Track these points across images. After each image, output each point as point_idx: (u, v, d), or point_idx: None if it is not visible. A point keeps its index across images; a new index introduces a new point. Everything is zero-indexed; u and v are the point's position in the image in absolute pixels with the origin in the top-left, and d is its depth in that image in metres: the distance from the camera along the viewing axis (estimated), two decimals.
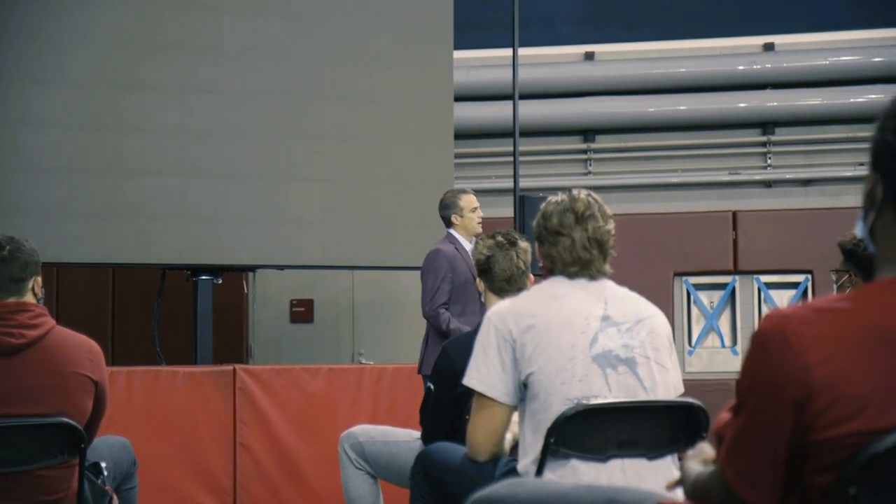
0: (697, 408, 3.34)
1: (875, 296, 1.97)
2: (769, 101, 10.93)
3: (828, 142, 10.97)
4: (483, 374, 3.37)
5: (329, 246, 8.63)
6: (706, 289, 10.60)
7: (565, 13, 11.46)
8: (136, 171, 8.12)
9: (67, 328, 4.05)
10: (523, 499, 2.33)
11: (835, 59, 10.89)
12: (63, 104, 7.96)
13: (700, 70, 10.97)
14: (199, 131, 8.27)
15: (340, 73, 8.60)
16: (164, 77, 8.18)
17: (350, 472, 4.85)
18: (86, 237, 8.01)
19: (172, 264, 8.36)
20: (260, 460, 7.38)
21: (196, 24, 8.28)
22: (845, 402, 1.90)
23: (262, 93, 8.41)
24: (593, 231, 3.44)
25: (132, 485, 4.45)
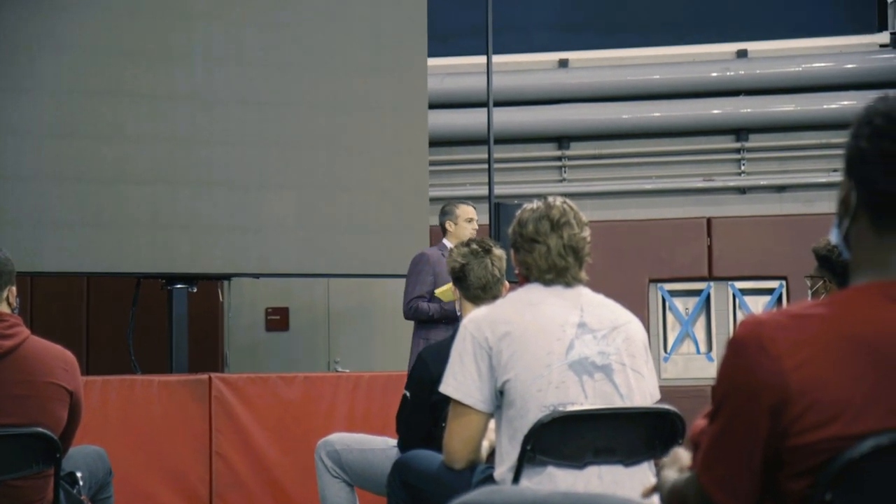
0: (674, 414, 3.34)
1: (850, 302, 1.98)
2: (743, 108, 10.97)
3: (801, 148, 11.02)
4: (460, 381, 3.37)
5: (304, 254, 8.61)
6: (681, 295, 10.63)
7: (539, 20, 11.48)
8: (110, 179, 8.09)
9: (42, 338, 4.04)
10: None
11: (808, 66, 10.94)
12: (37, 112, 7.93)
13: (674, 77, 11.01)
14: (175, 139, 8.25)
15: (315, 81, 8.60)
16: (139, 85, 8.15)
17: (327, 480, 4.85)
18: (60, 246, 7.98)
19: (147, 273, 8.33)
20: (236, 469, 7.36)
21: (171, 33, 8.26)
22: (821, 408, 1.90)
23: (236, 101, 8.40)
24: (569, 238, 3.45)
25: (108, 494, 4.44)
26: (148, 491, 7.12)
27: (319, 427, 6.89)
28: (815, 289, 5.27)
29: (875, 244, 1.99)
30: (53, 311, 9.92)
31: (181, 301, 8.40)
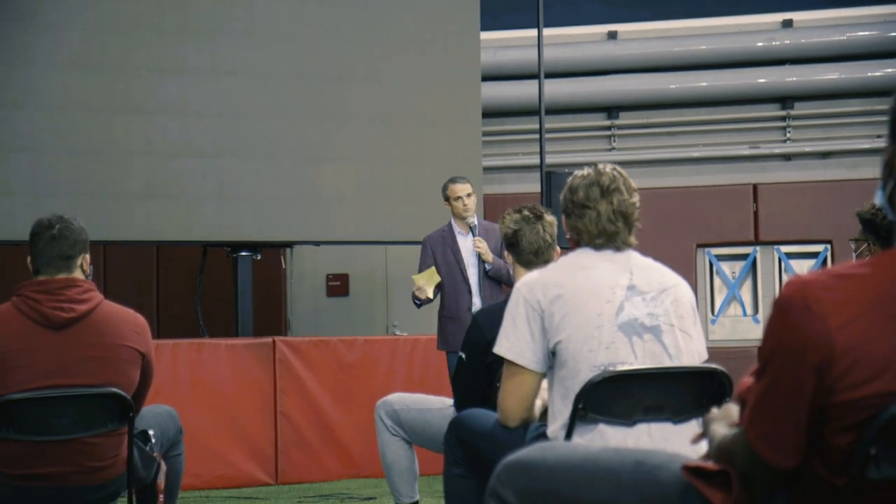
0: (721, 373, 3.32)
1: (893, 262, 1.96)
2: (788, 77, 10.87)
3: (845, 115, 10.90)
4: (513, 342, 3.36)
5: (363, 222, 8.64)
6: (728, 259, 10.57)
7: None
8: (177, 153, 8.15)
9: (115, 303, 4.08)
10: (553, 461, 2.33)
11: (851, 35, 10.81)
12: (107, 90, 7.99)
13: (720, 47, 10.92)
14: (238, 114, 8.29)
15: (371, 56, 8.60)
16: (201, 61, 8.20)
17: (386, 438, 4.86)
18: (131, 216, 8.06)
19: (213, 241, 8.40)
20: (300, 428, 7.43)
21: (232, 9, 8.30)
22: (865, 365, 1.89)
23: (296, 76, 8.42)
24: (618, 204, 3.42)
25: (178, 451, 4.48)
26: (217, 449, 7.20)
27: (378, 388, 6.92)
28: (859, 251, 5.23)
29: None
30: (125, 278, 10.03)
31: (246, 268, 8.46)
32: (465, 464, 3.85)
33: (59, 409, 3.82)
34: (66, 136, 7.92)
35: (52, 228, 3.98)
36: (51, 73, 7.88)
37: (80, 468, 3.90)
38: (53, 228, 3.98)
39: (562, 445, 2.55)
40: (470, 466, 3.84)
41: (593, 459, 2.31)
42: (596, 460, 2.30)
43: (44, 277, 3.96)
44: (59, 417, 3.81)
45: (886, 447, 1.90)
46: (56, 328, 3.88)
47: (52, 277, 3.95)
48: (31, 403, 3.78)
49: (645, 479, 2.23)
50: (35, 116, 7.85)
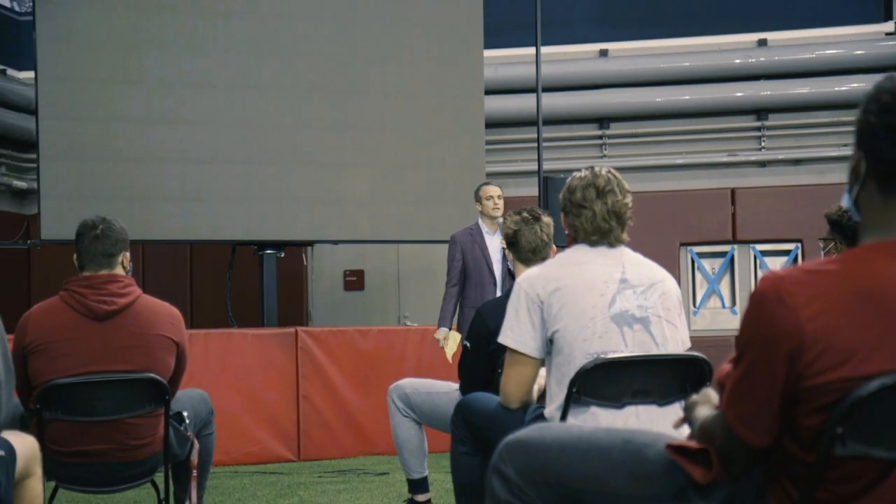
0: (702, 360, 3.32)
1: (859, 259, 1.95)
2: (763, 91, 10.84)
3: (815, 126, 10.87)
4: (516, 332, 3.36)
5: (377, 223, 8.64)
6: (708, 257, 10.55)
7: (582, 15, 11.39)
8: (209, 160, 8.16)
9: (153, 297, 4.09)
10: (550, 441, 2.33)
11: (820, 53, 10.78)
12: (144, 102, 8.01)
13: (701, 64, 10.89)
14: (263, 124, 8.30)
15: (385, 72, 8.60)
16: (231, 77, 8.21)
17: (398, 419, 4.86)
18: (167, 218, 8.07)
19: (241, 240, 8.40)
20: (320, 410, 7.43)
21: (260, 29, 8.30)
22: (833, 353, 1.89)
23: (316, 90, 8.42)
24: (612, 204, 3.42)
25: (210, 431, 4.48)
26: (244, 429, 7.21)
27: (391, 373, 6.93)
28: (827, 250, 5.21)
29: (882, 207, 1.97)
30: (161, 274, 10.04)
31: (271, 265, 8.46)
32: (470, 442, 3.85)
33: (102, 392, 3.83)
34: (108, 145, 7.93)
35: (95, 229, 3.99)
36: (95, 87, 7.89)
37: (121, 446, 3.91)
38: (97, 228, 3.99)
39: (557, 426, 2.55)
40: (474, 444, 3.84)
41: (586, 439, 2.31)
42: (589, 439, 2.30)
43: (88, 273, 3.97)
44: (101, 400, 3.83)
45: (851, 427, 1.89)
46: (99, 319, 3.89)
47: (96, 273, 3.96)
48: (76, 388, 3.80)
49: (633, 456, 2.22)
50: (81, 127, 7.87)
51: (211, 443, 4.47)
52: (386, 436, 5.58)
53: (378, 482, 6.35)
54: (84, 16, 7.87)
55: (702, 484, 2.11)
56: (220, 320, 8.60)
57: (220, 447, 6.32)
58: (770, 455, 2.03)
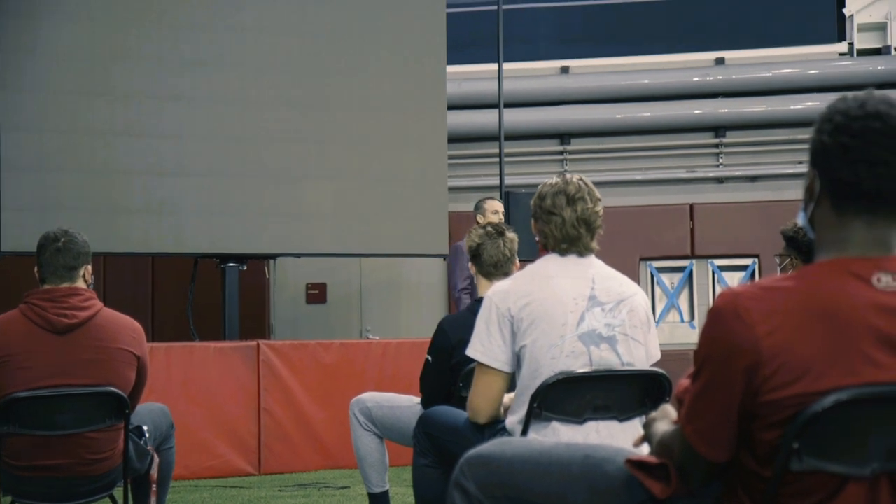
0: (662, 376, 3.33)
1: (814, 276, 1.97)
2: (720, 108, 10.93)
3: (772, 143, 10.97)
4: (486, 347, 3.33)
5: (340, 236, 8.62)
6: (667, 272, 10.61)
7: (544, 32, 11.44)
8: (172, 173, 8.11)
9: (114, 310, 4.05)
10: (511, 455, 2.33)
11: (776, 72, 10.90)
12: (109, 115, 7.94)
13: (660, 81, 10.97)
14: (226, 137, 8.26)
15: (349, 86, 8.59)
16: (195, 90, 8.16)
17: (359, 433, 4.85)
18: (129, 230, 8.00)
19: (204, 253, 8.35)
20: (281, 423, 7.39)
21: (222, 42, 8.26)
22: (789, 369, 1.90)
23: (280, 103, 8.40)
24: (582, 211, 3.39)
25: (170, 445, 4.44)
26: (205, 442, 7.15)
27: (353, 387, 6.89)
28: (783, 265, 5.26)
29: (836, 225, 1.99)
30: (123, 286, 9.96)
31: (233, 278, 8.41)
32: (431, 455, 3.84)
33: (62, 406, 3.79)
34: (71, 156, 7.86)
35: (57, 241, 3.95)
36: (59, 99, 7.82)
37: (81, 460, 3.87)
38: (59, 241, 3.95)
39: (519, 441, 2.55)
40: (436, 458, 3.83)
41: (547, 453, 2.31)
42: (549, 454, 2.30)
43: (49, 286, 3.93)
44: (61, 414, 3.78)
45: (807, 442, 1.91)
46: (59, 333, 3.85)
47: (57, 286, 3.92)
48: (35, 401, 3.75)
49: (593, 471, 2.23)
50: (44, 139, 7.80)
51: (171, 457, 4.43)
52: (347, 449, 5.55)
53: (339, 496, 6.32)
54: (47, 27, 7.80)
55: (660, 499, 2.12)
56: (181, 333, 8.54)
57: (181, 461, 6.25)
58: (728, 470, 2.04)
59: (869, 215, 1.96)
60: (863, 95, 1.98)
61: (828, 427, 1.89)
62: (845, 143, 1.94)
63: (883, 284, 1.93)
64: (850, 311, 1.91)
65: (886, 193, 1.94)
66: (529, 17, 11.34)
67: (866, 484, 1.91)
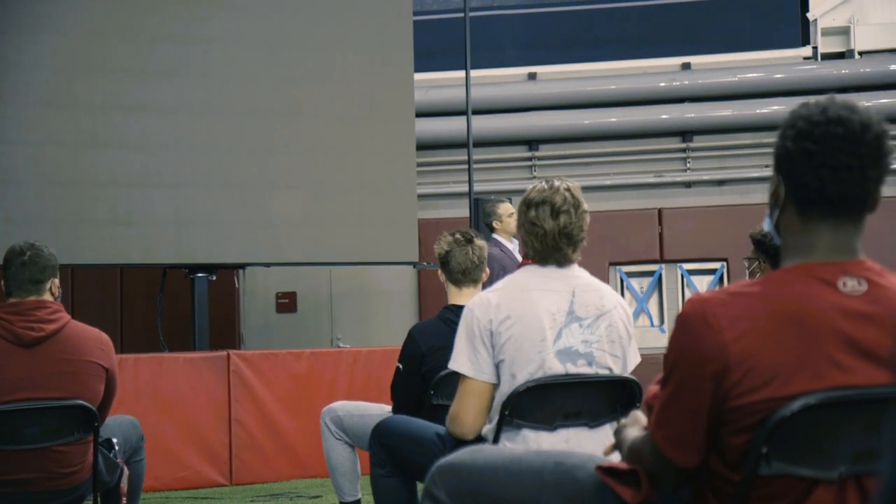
0: (632, 382, 3.33)
1: (781, 281, 1.99)
2: (687, 113, 10.99)
3: (738, 147, 11.04)
4: (472, 359, 3.27)
5: (309, 245, 8.60)
6: (637, 276, 10.65)
7: (511, 39, 11.47)
8: (140, 184, 8.06)
9: (82, 322, 4.02)
10: (482, 464, 2.33)
11: (742, 76, 10.97)
12: (74, 125, 7.89)
13: (627, 87, 11.02)
14: (195, 147, 8.22)
15: (318, 95, 8.57)
16: (162, 100, 8.13)
17: (331, 442, 4.83)
18: (97, 241, 7.95)
19: (172, 264, 8.31)
20: (252, 433, 7.36)
21: (189, 52, 8.23)
22: (757, 374, 1.91)
23: (249, 112, 8.37)
24: (565, 225, 3.35)
25: (140, 457, 4.42)
26: (176, 454, 7.11)
27: (324, 396, 6.88)
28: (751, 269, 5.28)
29: (801, 230, 2.00)
30: (92, 298, 9.89)
31: (202, 288, 8.37)
32: (388, 465, 3.84)
33: (30, 420, 3.76)
34: (38, 168, 7.80)
35: (23, 255, 3.92)
36: (24, 111, 7.77)
37: (50, 474, 3.83)
38: (25, 255, 3.92)
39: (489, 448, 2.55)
40: (393, 467, 3.82)
41: (517, 461, 2.31)
42: (520, 462, 2.30)
43: (15, 299, 3.90)
44: (29, 428, 3.75)
45: (776, 446, 1.92)
46: (27, 346, 3.82)
47: (23, 300, 3.89)
48: (3, 415, 3.72)
49: (564, 478, 2.23)
50: (9, 151, 7.74)
51: (141, 469, 4.40)
52: (319, 459, 5.53)
53: None
54: (9, 39, 7.74)
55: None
56: (151, 344, 8.49)
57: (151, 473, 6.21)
58: (698, 475, 2.05)
59: (833, 220, 1.98)
60: (824, 101, 1.99)
61: (796, 431, 1.91)
62: (808, 149, 1.96)
63: (848, 289, 1.95)
64: (817, 316, 1.92)
65: (850, 198, 1.96)
66: (497, 24, 11.37)
67: (834, 487, 1.92)
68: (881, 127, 1.96)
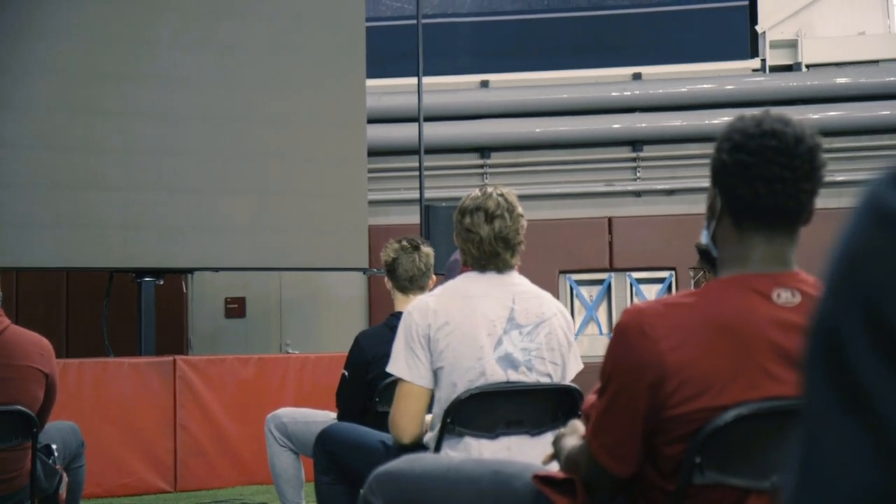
0: (574, 390, 3.34)
1: (717, 292, 2.00)
2: (638, 123, 11.06)
3: (688, 157, 11.12)
4: (410, 364, 3.28)
5: (259, 250, 8.55)
6: (586, 284, 10.69)
7: (463, 47, 11.49)
8: (86, 186, 7.98)
9: (26, 326, 3.98)
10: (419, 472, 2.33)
11: (692, 87, 11.05)
12: (21, 127, 7.80)
13: (579, 96, 11.07)
14: (143, 150, 8.15)
15: (269, 100, 8.53)
16: (110, 104, 8.05)
17: (275, 449, 4.81)
18: (42, 245, 7.85)
19: (119, 268, 8.23)
20: (197, 439, 7.30)
21: (140, 56, 8.17)
22: (692, 384, 1.93)
23: (198, 117, 8.31)
24: (500, 229, 3.35)
25: (80, 464, 4.37)
26: (119, 460, 7.04)
27: (271, 402, 6.83)
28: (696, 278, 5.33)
29: (736, 242, 2.02)
30: (37, 302, 9.76)
31: (149, 292, 8.30)
32: (332, 472, 3.83)
33: None
34: None
35: None
36: None
37: None
38: None
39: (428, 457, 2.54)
40: (337, 475, 3.81)
41: (455, 469, 2.31)
42: (458, 470, 2.31)
43: None
44: None
45: (709, 456, 1.94)
46: None
47: None
48: None
49: (501, 487, 2.24)
50: None
51: (81, 476, 4.35)
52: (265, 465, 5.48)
53: None
54: None
55: None
56: (97, 349, 8.39)
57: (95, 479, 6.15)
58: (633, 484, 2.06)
59: (768, 231, 2.00)
60: (760, 114, 2.02)
61: (729, 441, 1.92)
62: (743, 161, 1.98)
63: (782, 300, 1.97)
64: (751, 327, 1.94)
65: (784, 210, 1.98)
66: (449, 31, 11.38)
67: (767, 496, 1.94)
68: (814, 140, 1.99)
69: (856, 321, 0.64)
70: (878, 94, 10.76)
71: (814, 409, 0.66)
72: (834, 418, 0.64)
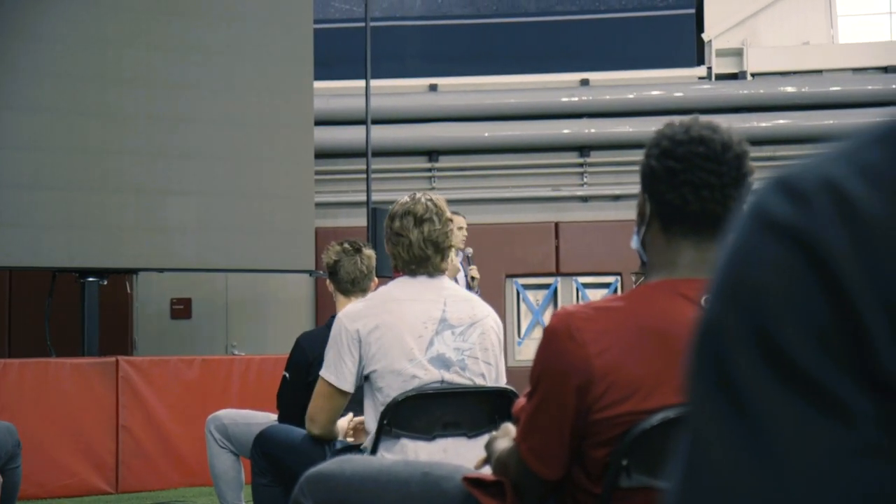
0: (511, 392, 3.36)
1: (645, 296, 2.02)
2: (585, 129, 11.11)
3: (635, 163, 11.07)
4: (338, 368, 3.32)
5: (205, 251, 8.50)
6: (533, 288, 10.73)
7: (412, 50, 11.49)
8: (29, 185, 7.88)
9: None
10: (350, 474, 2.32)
11: (640, 94, 11.13)
12: None
13: (527, 101, 11.11)
14: (88, 150, 8.07)
15: (216, 101, 8.48)
16: (56, 102, 7.96)
17: (215, 450, 4.78)
18: None
19: (62, 267, 8.14)
20: (140, 440, 7.24)
21: (84, 53, 8.08)
22: (618, 388, 1.94)
23: (144, 117, 8.24)
24: (429, 233, 3.36)
25: (16, 464, 4.31)
26: (60, 461, 6.96)
27: (215, 403, 6.76)
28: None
29: (665, 247, 2.04)
30: None
31: (93, 292, 8.22)
32: (269, 474, 3.82)
33: None
34: None
35: None
36: None
37: None
38: None
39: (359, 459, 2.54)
40: (274, 476, 3.80)
41: (386, 471, 2.31)
42: (388, 472, 2.30)
43: None
44: None
45: (636, 459, 1.94)
46: None
47: None
48: None
49: (431, 489, 2.24)
50: None
51: (17, 477, 4.30)
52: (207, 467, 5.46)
53: None
54: None
55: None
56: (39, 349, 8.29)
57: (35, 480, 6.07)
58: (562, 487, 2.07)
59: (696, 237, 2.01)
60: (688, 121, 2.03)
61: (656, 444, 1.93)
62: (671, 167, 1.99)
63: None
64: (678, 332, 1.95)
65: (711, 215, 2.00)
66: (398, 34, 11.38)
67: None
68: (742, 147, 2.01)
69: (741, 326, 0.64)
70: (821, 104, 10.90)
71: (698, 412, 0.66)
72: (718, 421, 0.65)
